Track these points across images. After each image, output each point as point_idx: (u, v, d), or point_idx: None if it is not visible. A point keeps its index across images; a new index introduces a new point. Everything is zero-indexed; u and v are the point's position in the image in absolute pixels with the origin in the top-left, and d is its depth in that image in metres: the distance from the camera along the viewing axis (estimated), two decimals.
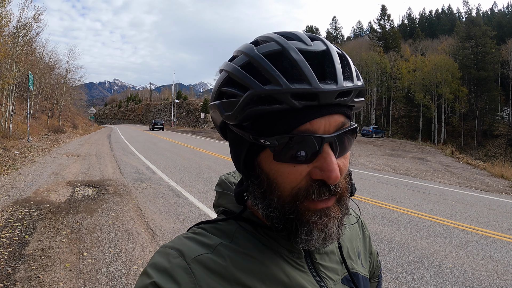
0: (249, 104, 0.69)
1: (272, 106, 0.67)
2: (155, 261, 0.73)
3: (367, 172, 16.91)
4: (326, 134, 0.68)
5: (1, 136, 19.22)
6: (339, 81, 0.68)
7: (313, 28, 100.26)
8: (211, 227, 0.82)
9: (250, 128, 0.73)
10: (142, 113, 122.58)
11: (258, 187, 0.75)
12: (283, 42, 0.71)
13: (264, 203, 0.74)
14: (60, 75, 49.23)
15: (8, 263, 5.00)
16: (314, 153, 0.68)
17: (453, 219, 8.48)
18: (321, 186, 0.68)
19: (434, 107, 59.51)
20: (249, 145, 0.74)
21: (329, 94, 0.66)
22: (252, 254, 0.77)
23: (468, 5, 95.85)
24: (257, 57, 0.70)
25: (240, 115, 0.71)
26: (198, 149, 24.59)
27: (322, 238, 0.70)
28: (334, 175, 0.66)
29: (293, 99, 0.65)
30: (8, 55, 21.32)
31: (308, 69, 0.66)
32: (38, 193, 9.28)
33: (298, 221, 0.70)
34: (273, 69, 0.67)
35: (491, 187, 15.26)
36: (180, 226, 7.00)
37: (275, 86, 0.66)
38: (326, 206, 0.70)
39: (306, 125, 0.67)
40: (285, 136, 0.68)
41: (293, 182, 0.69)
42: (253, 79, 0.69)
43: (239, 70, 0.71)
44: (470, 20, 67.88)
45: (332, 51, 0.72)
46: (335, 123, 0.69)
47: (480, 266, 5.69)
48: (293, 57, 0.68)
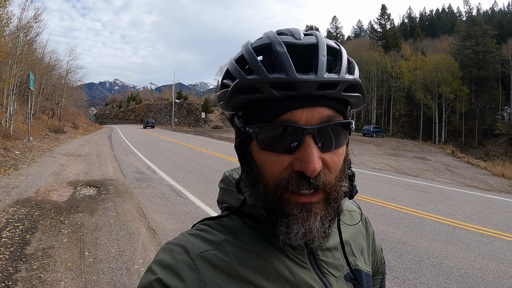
0: (236, 93, 0.73)
1: (254, 95, 0.70)
2: (160, 258, 0.73)
3: (368, 171, 16.90)
4: (308, 125, 0.68)
5: (2, 136, 19.22)
6: (320, 72, 0.68)
7: (313, 28, 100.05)
8: (215, 223, 0.83)
9: (242, 117, 0.77)
10: (143, 113, 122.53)
11: (248, 175, 0.78)
12: (272, 37, 0.74)
13: (251, 191, 0.76)
14: (61, 75, 49.28)
15: (10, 263, 5.00)
16: (296, 144, 0.69)
17: (454, 218, 8.48)
18: (300, 177, 0.69)
19: (434, 107, 59.46)
20: (243, 134, 0.77)
21: (307, 84, 0.67)
22: (255, 250, 0.77)
23: (468, 4, 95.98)
24: (247, 50, 0.74)
25: (229, 103, 0.75)
26: (199, 148, 24.60)
27: (302, 232, 0.70)
28: (311, 167, 0.66)
29: (272, 88, 0.68)
30: (9, 55, 21.29)
31: (287, 60, 0.68)
32: (39, 193, 9.28)
33: (280, 212, 0.71)
34: (256, 60, 0.71)
35: (492, 187, 15.27)
36: (181, 226, 7.00)
37: (256, 76, 0.69)
38: (309, 200, 0.70)
39: (287, 115, 0.69)
40: (265, 124, 0.70)
41: (276, 171, 0.71)
42: (240, 70, 0.73)
43: (232, 62, 0.76)
44: (470, 20, 67.81)
45: (321, 44, 0.73)
46: (318, 115, 0.70)
47: (481, 265, 5.69)
48: (277, 50, 0.70)
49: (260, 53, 0.73)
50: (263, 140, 0.71)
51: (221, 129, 65.03)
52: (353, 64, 0.77)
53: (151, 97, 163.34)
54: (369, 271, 0.98)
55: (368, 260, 1.02)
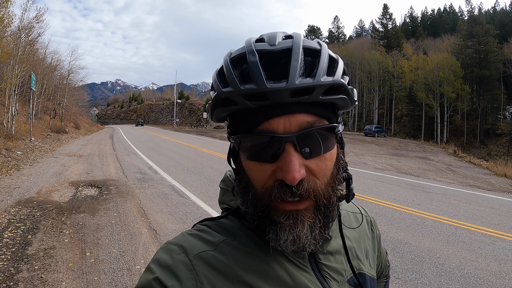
0: (216, 106, 0.74)
1: (231, 107, 0.71)
2: (159, 257, 0.74)
3: (370, 171, 16.90)
4: (286, 133, 0.68)
5: (4, 137, 19.27)
6: (291, 79, 0.66)
7: (315, 28, 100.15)
8: (214, 224, 0.84)
9: (229, 127, 0.79)
10: (145, 113, 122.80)
11: (239, 183, 0.79)
12: (247, 46, 0.73)
13: (243, 199, 0.77)
14: (62, 76, 49.20)
15: (11, 263, 5.01)
16: (276, 153, 0.68)
17: (456, 218, 8.47)
18: (282, 186, 0.68)
19: (436, 106, 59.41)
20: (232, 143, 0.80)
21: (278, 93, 0.66)
22: (254, 252, 0.77)
23: (470, 3, 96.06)
24: (225, 61, 0.74)
25: (212, 115, 0.78)
26: (201, 149, 24.62)
27: (290, 240, 0.70)
28: (290, 176, 0.66)
29: (245, 99, 0.68)
30: (11, 55, 21.33)
31: (258, 70, 0.67)
32: (40, 193, 9.30)
33: (268, 219, 0.72)
34: (230, 72, 0.71)
35: (494, 186, 15.25)
36: (182, 226, 7.00)
37: (230, 88, 0.70)
38: (295, 208, 0.70)
39: (265, 124, 0.69)
40: (244, 135, 0.71)
41: (261, 180, 0.72)
42: (218, 83, 0.73)
43: (214, 75, 0.77)
44: (472, 19, 67.67)
45: (295, 48, 0.70)
46: (296, 122, 0.69)
47: (483, 265, 5.68)
48: (250, 60, 0.69)
49: (238, 64, 0.72)
50: (245, 150, 0.73)
51: (223, 129, 65.00)
52: (336, 63, 0.74)
53: (153, 97, 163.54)
54: (374, 275, 0.98)
55: (373, 263, 1.01)
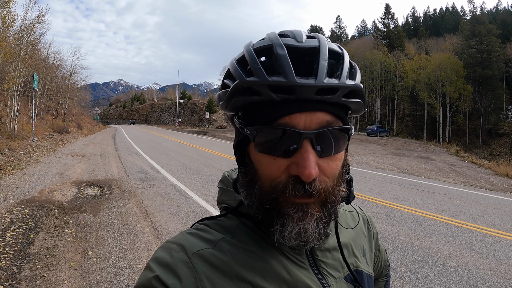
0: (235, 94, 0.73)
1: (253, 97, 0.70)
2: (158, 256, 0.74)
3: (372, 171, 16.88)
4: (306, 130, 0.68)
5: (6, 137, 19.29)
6: (319, 77, 0.67)
7: (317, 28, 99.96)
8: (213, 223, 0.84)
9: (242, 118, 0.77)
10: (147, 113, 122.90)
11: (245, 176, 0.78)
12: (274, 39, 0.73)
13: (247, 192, 0.76)
14: (65, 76, 49.34)
15: (14, 262, 5.03)
16: (293, 148, 0.69)
17: (458, 218, 8.46)
18: (296, 182, 0.69)
19: (438, 106, 59.27)
20: (241, 134, 0.77)
21: (306, 89, 0.66)
22: (253, 249, 0.77)
23: (472, 3, 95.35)
24: (248, 51, 0.74)
25: (228, 104, 0.75)
26: (203, 148, 24.63)
27: (296, 232, 0.70)
28: (307, 172, 0.66)
29: (270, 91, 0.67)
30: (13, 55, 21.38)
31: (287, 63, 0.68)
32: (43, 192, 9.31)
33: (276, 212, 0.71)
34: (256, 62, 0.71)
35: (496, 186, 15.21)
36: (184, 226, 7.01)
37: (255, 78, 0.69)
38: (305, 201, 0.70)
39: (285, 118, 0.69)
40: (263, 127, 0.70)
41: (272, 174, 0.71)
42: (240, 72, 0.72)
43: (233, 63, 0.76)
44: (474, 19, 67.56)
45: (323, 48, 0.72)
46: (317, 120, 0.69)
47: (484, 265, 5.68)
48: (277, 52, 0.69)
49: (261, 55, 0.72)
50: (260, 143, 0.71)
51: (225, 129, 65.05)
52: (355, 69, 0.76)
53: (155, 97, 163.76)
54: (371, 272, 0.98)
55: (370, 261, 1.02)
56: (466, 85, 58.36)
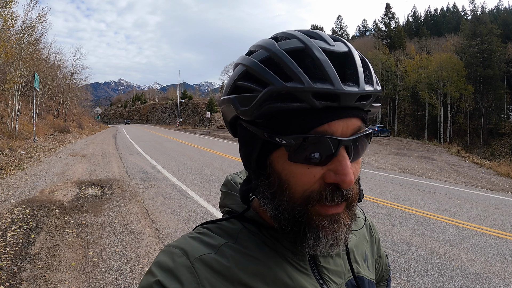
0: (268, 100, 0.67)
1: (292, 104, 0.65)
2: (160, 260, 0.73)
3: (373, 171, 16.87)
4: (343, 137, 0.67)
5: (7, 136, 19.30)
6: (361, 84, 0.66)
7: (318, 27, 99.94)
8: (215, 227, 0.82)
9: (265, 125, 0.71)
10: (148, 113, 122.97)
11: (268, 187, 0.73)
12: (306, 40, 0.69)
13: (273, 204, 0.72)
14: (66, 75, 49.36)
15: (14, 262, 5.03)
16: (330, 156, 0.67)
17: (459, 218, 8.45)
18: (334, 190, 0.67)
19: (439, 106, 59.25)
20: (262, 143, 0.72)
21: (350, 97, 0.65)
22: (255, 255, 0.76)
23: (473, 3, 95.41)
24: (279, 52, 0.69)
25: (257, 111, 0.69)
26: (204, 148, 24.63)
27: (330, 244, 0.69)
28: (348, 179, 0.65)
29: (314, 98, 0.64)
30: (14, 55, 21.37)
31: (331, 70, 0.65)
32: (44, 192, 9.32)
33: (308, 225, 0.69)
34: (296, 66, 0.66)
35: (497, 186, 15.20)
36: (185, 226, 7.01)
37: (297, 84, 0.64)
38: (337, 212, 0.69)
39: (324, 126, 0.66)
40: (302, 136, 0.66)
41: (306, 184, 0.68)
42: (274, 75, 0.67)
43: (258, 64, 0.70)
44: (475, 18, 67.54)
45: (354, 53, 0.71)
46: (352, 126, 0.68)
47: (485, 265, 5.67)
48: (316, 56, 0.66)
49: (293, 57, 0.68)
50: (297, 152, 0.67)
51: (226, 128, 64.92)
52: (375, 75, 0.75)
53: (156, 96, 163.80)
54: (372, 278, 0.97)
55: (372, 267, 1.00)
56: (467, 85, 58.36)
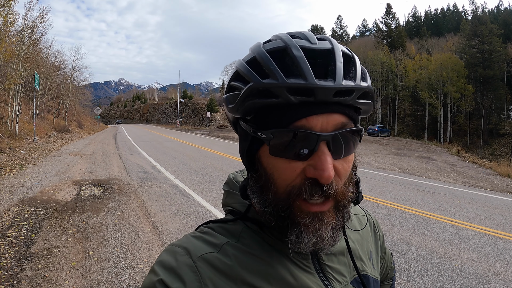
0: (249, 97, 0.71)
1: (269, 99, 0.68)
2: (162, 259, 0.74)
3: (373, 171, 16.88)
4: (323, 132, 0.68)
5: (8, 136, 19.31)
6: (338, 79, 0.67)
7: (318, 27, 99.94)
8: (218, 226, 0.83)
9: (252, 121, 0.75)
10: (148, 113, 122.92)
11: (256, 181, 0.76)
12: (287, 40, 0.72)
13: (260, 198, 0.74)
14: (66, 75, 49.34)
15: (15, 262, 5.03)
16: (310, 151, 0.68)
17: (459, 218, 8.45)
18: (313, 184, 0.68)
19: (440, 106, 59.22)
20: (251, 138, 0.75)
21: (325, 91, 0.66)
22: (258, 254, 0.77)
23: (474, 3, 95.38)
24: (261, 53, 0.72)
25: (241, 107, 0.73)
26: (204, 148, 24.62)
27: (313, 242, 0.70)
28: (326, 174, 0.66)
29: (289, 93, 0.66)
30: (14, 55, 21.36)
31: (306, 65, 0.67)
32: (44, 192, 9.33)
33: (290, 220, 0.71)
34: (272, 64, 0.69)
35: (497, 187, 15.19)
36: (185, 225, 7.01)
37: (272, 80, 0.68)
38: (320, 210, 0.70)
39: (302, 121, 0.68)
40: (280, 130, 0.68)
41: (288, 178, 0.70)
42: (254, 73, 0.70)
43: (244, 65, 0.74)
44: (476, 18, 67.48)
45: (337, 50, 0.71)
46: (333, 122, 0.69)
47: (485, 265, 5.67)
48: (294, 54, 0.68)
49: (274, 56, 0.71)
50: (276, 146, 0.70)
51: (226, 128, 64.99)
52: (365, 71, 0.76)
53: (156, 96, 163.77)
54: (377, 276, 0.97)
55: (377, 265, 1.00)
56: (468, 85, 58.29)
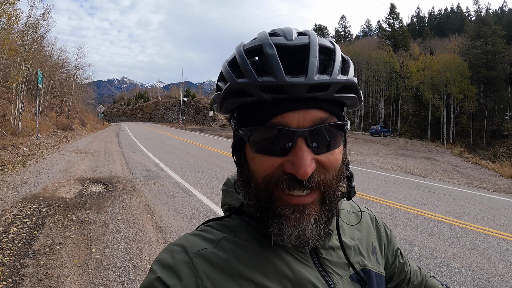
0: (228, 96, 0.73)
1: (245, 98, 0.71)
2: (160, 258, 0.76)
3: (376, 171, 16.84)
4: (299, 128, 0.68)
5: (11, 133, 19.34)
6: (310, 74, 0.67)
7: (322, 27, 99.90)
8: (216, 223, 0.85)
9: (235, 119, 0.78)
10: (151, 111, 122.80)
11: (241, 176, 0.80)
12: (263, 39, 0.73)
13: (245, 191, 0.77)
14: (69, 73, 49.31)
15: (17, 259, 5.04)
16: (287, 147, 0.69)
17: (462, 219, 8.43)
18: (291, 179, 0.69)
19: (443, 107, 59.19)
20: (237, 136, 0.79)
21: (297, 88, 0.67)
22: (254, 247, 0.78)
23: (477, 3, 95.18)
24: (239, 53, 0.75)
25: (222, 106, 0.76)
26: (206, 147, 24.62)
27: (295, 235, 0.70)
28: (302, 171, 0.67)
29: (261, 91, 0.68)
30: (18, 52, 21.42)
31: (276, 63, 0.68)
32: (47, 189, 9.34)
33: (271, 211, 0.72)
34: (246, 63, 0.71)
35: (499, 188, 15.15)
36: (188, 223, 7.02)
37: (246, 79, 0.70)
38: (302, 202, 0.70)
39: (278, 118, 0.69)
40: (256, 127, 0.71)
41: (265, 170, 0.72)
42: (231, 74, 0.73)
43: (225, 65, 0.76)
44: (479, 19, 67.30)
45: (313, 45, 0.72)
46: (310, 117, 0.70)
47: (488, 266, 5.66)
48: (267, 52, 0.70)
49: (253, 55, 0.73)
50: (255, 143, 0.72)
51: (229, 127, 64.89)
52: (348, 64, 0.76)
53: (159, 95, 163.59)
54: (381, 271, 0.96)
55: (382, 260, 1.01)
56: (471, 86, 58.19)
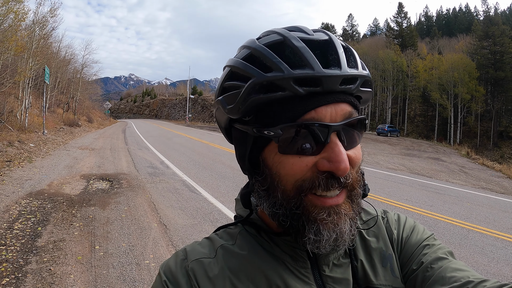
0: (252, 93, 0.67)
1: (275, 93, 0.65)
2: (168, 262, 0.77)
3: (382, 171, 16.79)
4: (332, 123, 0.65)
5: (17, 129, 19.46)
6: (343, 66, 0.66)
7: (329, 26, 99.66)
8: (222, 231, 0.85)
9: (254, 121, 0.71)
10: (157, 108, 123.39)
11: (261, 184, 0.72)
12: (284, 33, 0.70)
13: (268, 201, 0.71)
14: (76, 69, 49.54)
15: (20, 255, 5.03)
16: (321, 143, 0.65)
17: (468, 221, 8.36)
18: (329, 178, 0.65)
19: (450, 107, 58.92)
20: (253, 140, 0.72)
21: (333, 79, 0.64)
22: (249, 257, 0.76)
23: (486, 3, 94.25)
24: (258, 47, 0.70)
25: (243, 106, 0.69)
26: (213, 144, 24.62)
27: (334, 238, 0.65)
28: (343, 166, 0.63)
29: (295, 85, 0.64)
30: (25, 49, 21.53)
31: (310, 55, 0.65)
32: (52, 185, 9.35)
33: (305, 217, 0.66)
34: (274, 56, 0.66)
35: (507, 189, 15.05)
36: (193, 221, 7.00)
37: (277, 73, 0.65)
38: (336, 203, 0.66)
39: (311, 113, 0.66)
40: (289, 125, 0.65)
41: (298, 173, 0.66)
42: (255, 68, 0.67)
43: (241, 62, 0.71)
44: (488, 19, 67.02)
45: (335, 40, 0.71)
46: (341, 112, 0.67)
47: (495, 269, 5.60)
48: (294, 45, 0.67)
49: (275, 49, 0.68)
50: (286, 143, 0.66)
51: None
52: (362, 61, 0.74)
53: (166, 92, 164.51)
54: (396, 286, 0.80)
55: (398, 271, 0.82)
56: (479, 87, 57.90)
